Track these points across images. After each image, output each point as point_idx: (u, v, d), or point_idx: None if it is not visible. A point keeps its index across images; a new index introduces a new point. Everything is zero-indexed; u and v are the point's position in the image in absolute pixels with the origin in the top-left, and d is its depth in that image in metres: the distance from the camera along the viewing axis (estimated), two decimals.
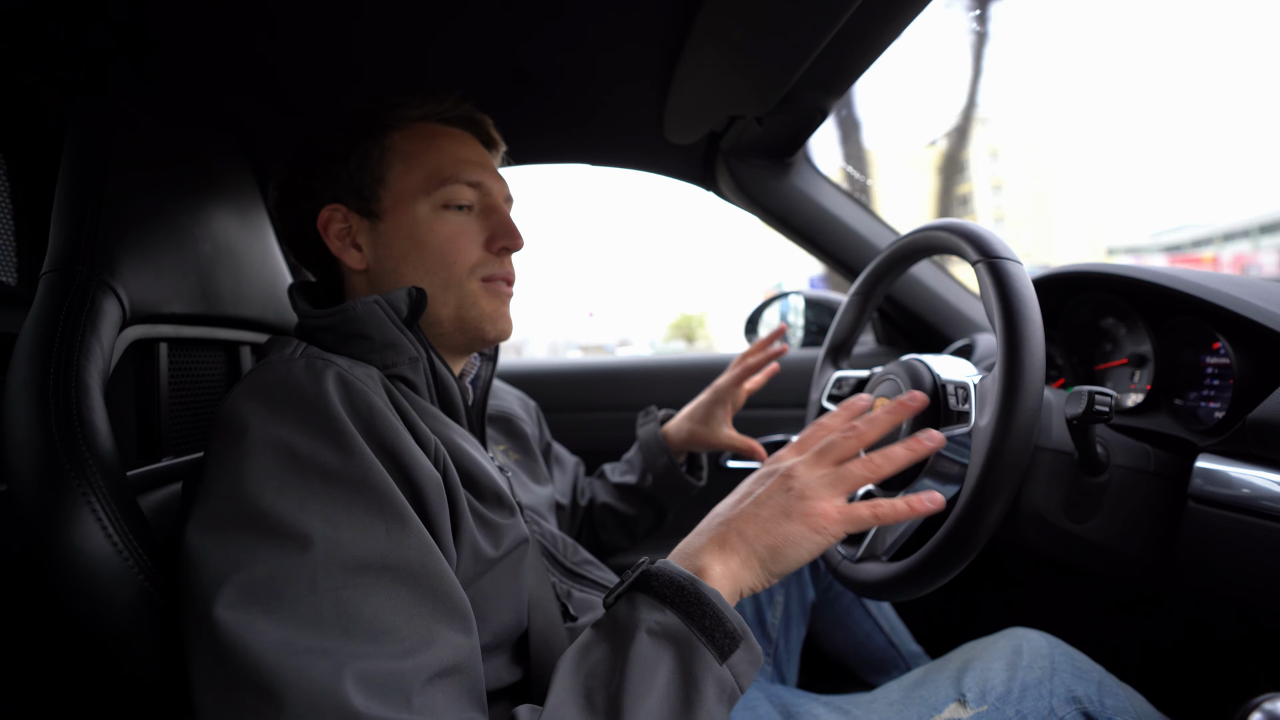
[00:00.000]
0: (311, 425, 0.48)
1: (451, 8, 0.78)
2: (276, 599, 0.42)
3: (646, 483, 0.99)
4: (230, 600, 0.41)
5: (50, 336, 0.49)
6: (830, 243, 1.27)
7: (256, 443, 0.47)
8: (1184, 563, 0.62)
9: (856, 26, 0.75)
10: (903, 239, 0.80)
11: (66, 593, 0.44)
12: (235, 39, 0.80)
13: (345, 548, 0.44)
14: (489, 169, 0.70)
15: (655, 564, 0.49)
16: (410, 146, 0.67)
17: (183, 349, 0.70)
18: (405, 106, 0.69)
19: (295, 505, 0.45)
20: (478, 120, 0.73)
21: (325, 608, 0.42)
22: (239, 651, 0.40)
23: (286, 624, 0.41)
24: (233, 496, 0.46)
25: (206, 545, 0.45)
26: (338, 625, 0.41)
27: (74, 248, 0.54)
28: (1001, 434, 0.56)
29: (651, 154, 1.25)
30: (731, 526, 0.51)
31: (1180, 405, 0.72)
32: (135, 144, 0.61)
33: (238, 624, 0.40)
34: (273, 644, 0.40)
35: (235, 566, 0.43)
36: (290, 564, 0.43)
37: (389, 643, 0.42)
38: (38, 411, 0.46)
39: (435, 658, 0.43)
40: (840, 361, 0.96)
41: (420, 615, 0.45)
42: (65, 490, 0.45)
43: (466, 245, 0.67)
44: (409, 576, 0.46)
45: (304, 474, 0.46)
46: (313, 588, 0.42)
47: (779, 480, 0.53)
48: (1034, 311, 0.59)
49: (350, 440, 0.48)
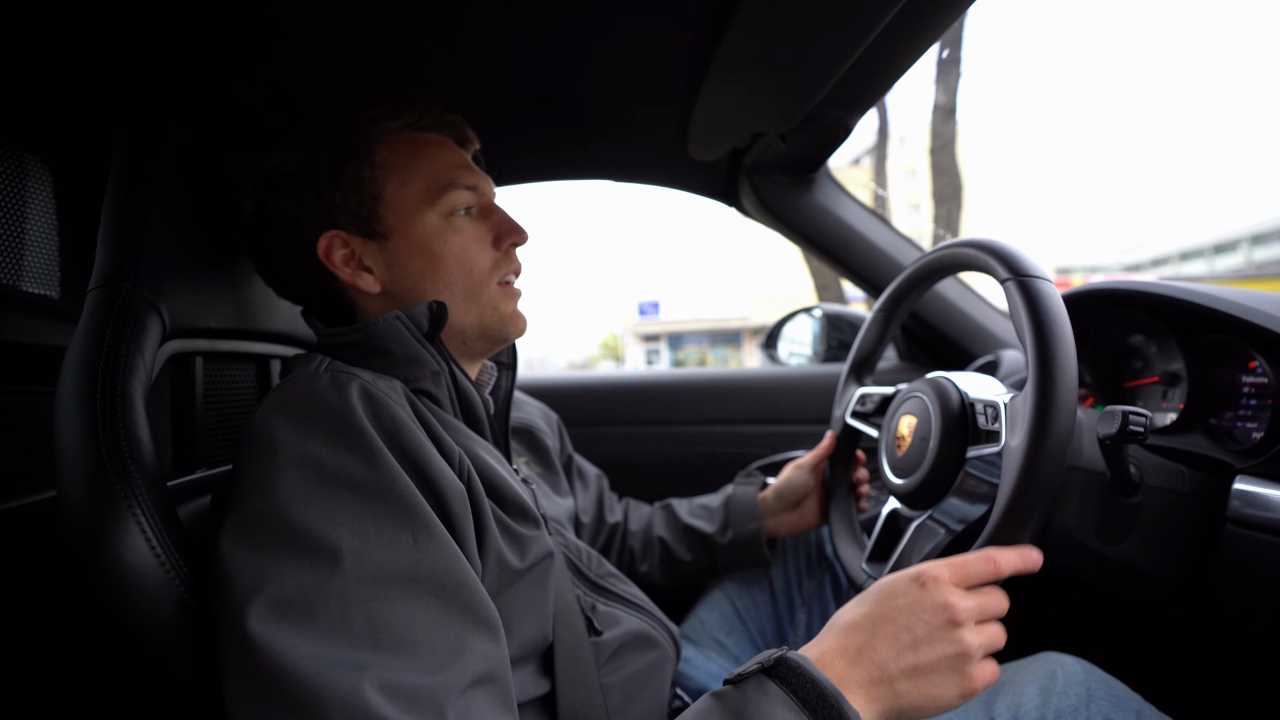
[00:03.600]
0: (337, 439, 0.49)
1: (477, 28, 0.80)
2: (308, 613, 0.42)
3: (724, 539, 0.96)
4: (263, 614, 0.42)
5: (97, 351, 0.51)
6: (854, 259, 1.26)
7: (284, 457, 0.48)
8: (1222, 587, 0.60)
9: (882, 44, 0.75)
10: (928, 255, 0.80)
11: (109, 601, 0.45)
12: (270, 61, 0.82)
13: (374, 560, 0.45)
14: (476, 169, 0.70)
15: (794, 656, 0.46)
16: (399, 160, 0.66)
17: (217, 362, 0.71)
18: (383, 119, 0.67)
19: (324, 519, 0.45)
20: (452, 122, 0.72)
21: (356, 621, 0.42)
22: (273, 665, 0.40)
23: (319, 638, 0.41)
24: (262, 511, 0.47)
25: (238, 559, 0.45)
26: (369, 638, 0.42)
27: (119, 265, 0.56)
28: (1034, 454, 0.56)
29: (674, 171, 1.26)
30: (885, 672, 0.48)
31: (1215, 425, 0.70)
32: (177, 163, 0.63)
33: (271, 638, 0.41)
34: (306, 657, 0.40)
35: (266, 581, 0.44)
36: (320, 578, 0.43)
37: (421, 656, 0.42)
38: (86, 424, 0.48)
39: (466, 669, 0.44)
40: (864, 378, 0.96)
41: (450, 626, 0.45)
42: (111, 501, 0.46)
43: (478, 250, 0.67)
44: (438, 587, 0.46)
45: (331, 487, 0.47)
46: (343, 601, 0.43)
47: (946, 627, 0.50)
48: (1066, 330, 0.59)
49: (376, 452, 0.49)
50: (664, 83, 0.92)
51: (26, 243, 0.84)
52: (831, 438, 0.95)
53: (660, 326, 26.50)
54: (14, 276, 0.81)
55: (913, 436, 0.74)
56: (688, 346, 25.91)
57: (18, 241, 0.82)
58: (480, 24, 0.79)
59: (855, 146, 7.59)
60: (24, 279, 0.83)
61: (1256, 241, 36.56)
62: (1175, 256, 43.13)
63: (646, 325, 26.68)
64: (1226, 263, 37.64)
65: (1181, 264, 42.10)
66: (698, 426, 1.41)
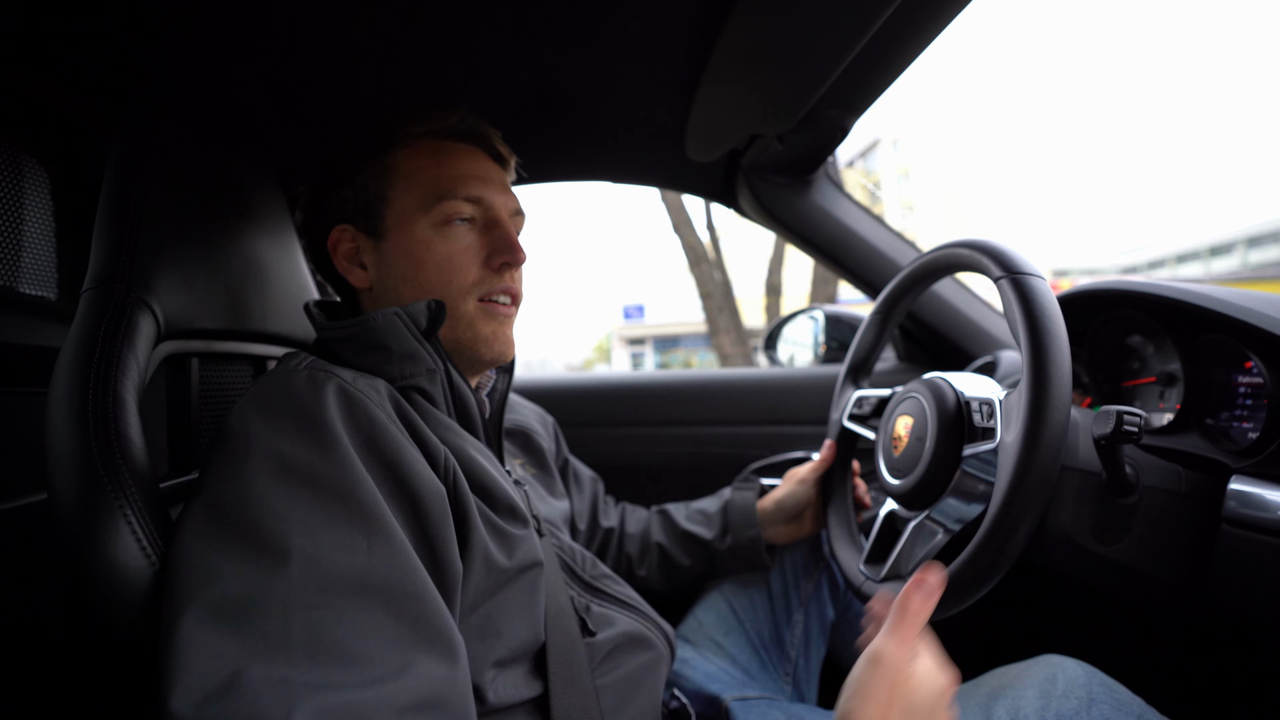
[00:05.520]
0: (305, 435, 0.48)
1: (477, 30, 0.80)
2: (245, 618, 0.40)
3: (723, 544, 0.95)
4: (198, 615, 0.41)
5: (90, 352, 0.51)
6: (851, 259, 1.26)
7: (249, 451, 0.47)
8: (1218, 587, 0.60)
9: (879, 45, 0.75)
10: (924, 256, 0.80)
11: (100, 601, 0.45)
12: (266, 61, 0.82)
13: (322, 564, 0.43)
14: (492, 183, 0.69)
15: None
16: (412, 165, 0.67)
17: (213, 363, 0.71)
18: (410, 124, 0.69)
19: (277, 516, 0.44)
20: (483, 134, 0.72)
21: (296, 628, 0.40)
22: (194, 670, 0.38)
23: (251, 647, 0.39)
24: (219, 504, 0.46)
25: (186, 553, 0.44)
26: (306, 648, 0.40)
27: (113, 266, 0.56)
28: (1029, 448, 0.56)
29: (672, 171, 1.26)
30: None
31: (1212, 425, 0.70)
32: (173, 165, 0.63)
33: (202, 641, 0.39)
34: (238, 672, 0.38)
35: (213, 578, 0.42)
36: (265, 579, 0.42)
37: (358, 669, 0.40)
38: (77, 424, 0.47)
39: (407, 689, 0.41)
40: (861, 380, 0.96)
41: (397, 641, 0.43)
42: (102, 501, 0.46)
43: (464, 264, 0.66)
44: (388, 598, 0.44)
45: (290, 484, 0.46)
46: (285, 606, 0.41)
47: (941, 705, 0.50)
48: (1059, 326, 0.59)
49: (342, 453, 0.48)
50: (661, 84, 0.92)
51: (24, 244, 0.84)
52: (831, 447, 0.94)
53: (645, 330, 26.57)
54: (11, 278, 0.82)
55: (909, 437, 0.74)
56: (676, 350, 25.94)
57: (15, 243, 0.82)
58: (478, 25, 0.79)
59: (848, 149, 7.65)
60: (21, 281, 0.83)
61: (1252, 244, 36.88)
62: (1172, 259, 43.47)
63: (631, 329, 26.76)
64: (1222, 265, 37.98)
65: (1178, 266, 42.46)
66: (695, 428, 1.41)
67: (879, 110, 1.02)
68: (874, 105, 0.98)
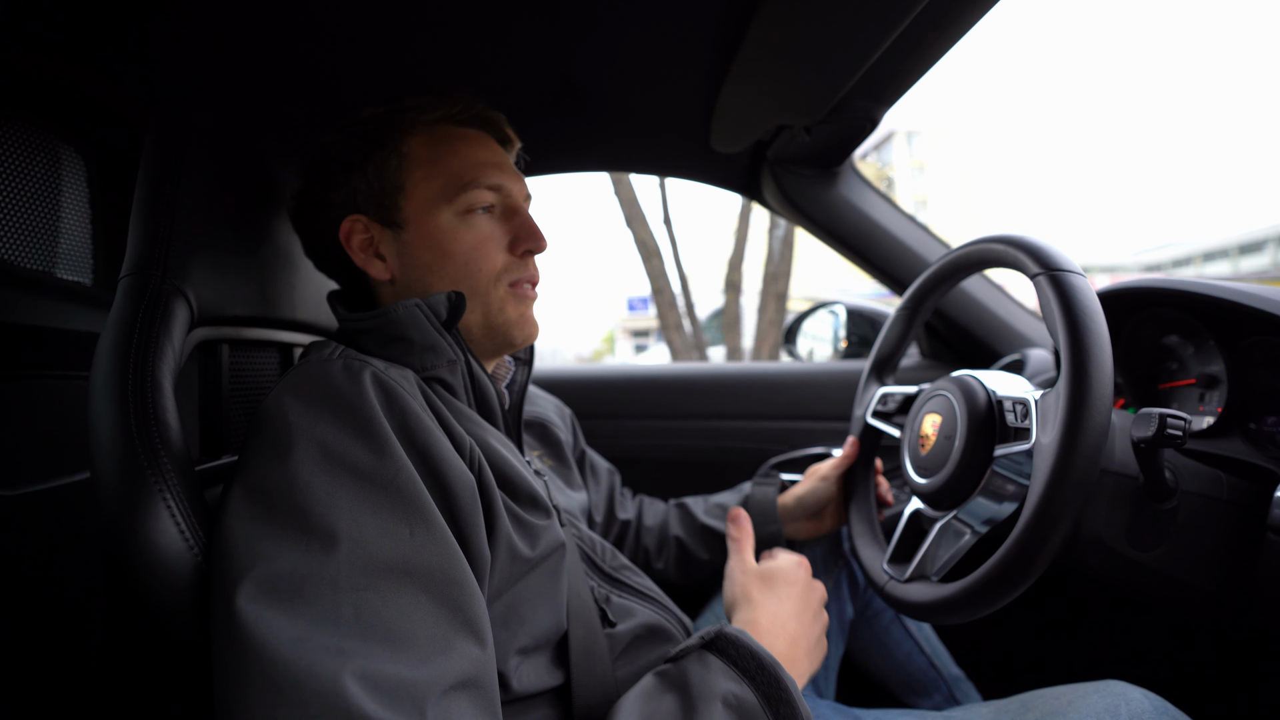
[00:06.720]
0: (346, 424, 0.49)
1: (503, 18, 0.79)
2: (298, 595, 0.42)
3: None
4: (252, 593, 0.42)
5: (129, 338, 0.52)
6: (877, 254, 1.24)
7: (292, 439, 0.48)
8: (1263, 599, 0.58)
9: (912, 35, 0.74)
10: (955, 252, 0.78)
11: (138, 582, 0.46)
12: (299, 51, 0.83)
13: (369, 548, 0.44)
14: (507, 169, 0.69)
15: (732, 630, 0.50)
16: (427, 152, 0.66)
17: (242, 350, 0.72)
18: (419, 110, 0.68)
19: (324, 502, 0.45)
20: (492, 119, 0.72)
21: (345, 608, 0.42)
22: (256, 645, 0.40)
23: (305, 621, 0.41)
24: (264, 490, 0.47)
25: (236, 534, 0.45)
26: (356, 627, 0.41)
27: (150, 253, 0.57)
28: (1067, 451, 0.54)
29: (696, 163, 1.25)
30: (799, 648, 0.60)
31: (1256, 430, 0.68)
32: (206, 154, 0.64)
33: (258, 618, 0.41)
34: (290, 640, 0.40)
35: (261, 558, 0.44)
36: (314, 561, 0.43)
37: (405, 649, 0.42)
38: (118, 409, 0.48)
39: (451, 669, 0.43)
40: (886, 377, 0.94)
41: (439, 623, 0.44)
42: (142, 484, 0.47)
43: (491, 251, 0.66)
44: (430, 583, 0.45)
45: (335, 472, 0.47)
46: (334, 587, 0.42)
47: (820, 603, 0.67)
48: (1100, 325, 0.57)
49: (383, 441, 0.49)
50: (687, 74, 0.91)
51: (61, 230, 0.85)
52: (854, 444, 0.93)
53: (649, 322, 26.43)
54: (48, 264, 0.83)
55: (937, 435, 0.73)
56: None
57: (53, 229, 0.84)
58: (505, 15, 0.79)
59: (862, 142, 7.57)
60: (58, 266, 0.85)
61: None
62: (1199, 256, 42.07)
63: (636, 320, 26.63)
64: (1252, 263, 36.69)
65: (1205, 264, 41.07)
66: (714, 421, 1.40)
67: None
68: (905, 96, 0.96)
